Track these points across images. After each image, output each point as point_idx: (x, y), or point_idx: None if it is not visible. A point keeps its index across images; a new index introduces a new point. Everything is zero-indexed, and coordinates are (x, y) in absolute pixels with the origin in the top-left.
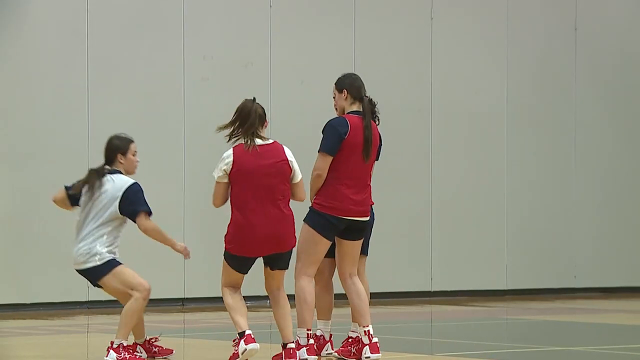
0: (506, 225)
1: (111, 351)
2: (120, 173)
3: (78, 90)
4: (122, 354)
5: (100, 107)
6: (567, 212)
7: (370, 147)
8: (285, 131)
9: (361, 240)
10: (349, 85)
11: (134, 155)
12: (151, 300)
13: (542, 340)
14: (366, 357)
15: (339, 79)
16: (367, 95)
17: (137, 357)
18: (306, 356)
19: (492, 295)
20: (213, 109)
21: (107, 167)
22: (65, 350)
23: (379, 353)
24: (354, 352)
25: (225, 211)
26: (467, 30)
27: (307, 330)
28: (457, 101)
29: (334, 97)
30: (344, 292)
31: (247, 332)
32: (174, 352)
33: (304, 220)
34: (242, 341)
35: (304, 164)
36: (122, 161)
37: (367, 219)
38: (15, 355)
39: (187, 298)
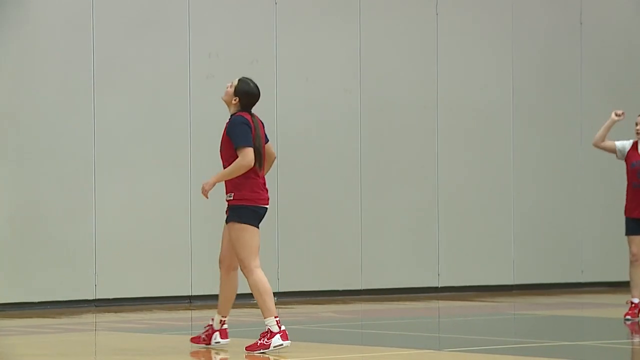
0: (513, 221)
1: None
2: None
3: (83, 89)
4: None
5: (106, 106)
6: (574, 206)
7: None
8: (291, 127)
9: None
10: None
11: None
12: (158, 297)
13: (549, 335)
14: (216, 342)
15: None
16: None
17: None
18: (281, 342)
19: (499, 290)
20: (219, 106)
21: None
22: (73, 348)
23: (227, 338)
24: (203, 338)
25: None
26: (472, 25)
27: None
28: (462, 97)
29: None
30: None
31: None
32: None
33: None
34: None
35: (307, 159)
36: None
37: None
38: (23, 354)
39: (194, 295)
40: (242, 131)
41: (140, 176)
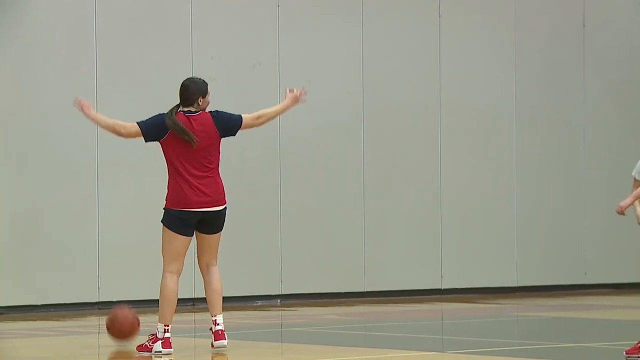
0: (516, 222)
1: None
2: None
3: (86, 91)
4: None
5: (108, 108)
6: (577, 208)
7: None
8: (293, 129)
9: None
10: None
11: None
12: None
13: (553, 337)
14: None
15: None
16: None
17: None
18: (160, 349)
19: (503, 292)
20: (221, 109)
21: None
22: (76, 351)
23: (224, 339)
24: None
25: (234, 211)
26: (475, 27)
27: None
28: (465, 98)
29: None
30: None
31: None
32: None
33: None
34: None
35: (310, 161)
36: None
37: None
38: (25, 357)
39: (197, 298)
40: (151, 118)
41: (143, 178)
